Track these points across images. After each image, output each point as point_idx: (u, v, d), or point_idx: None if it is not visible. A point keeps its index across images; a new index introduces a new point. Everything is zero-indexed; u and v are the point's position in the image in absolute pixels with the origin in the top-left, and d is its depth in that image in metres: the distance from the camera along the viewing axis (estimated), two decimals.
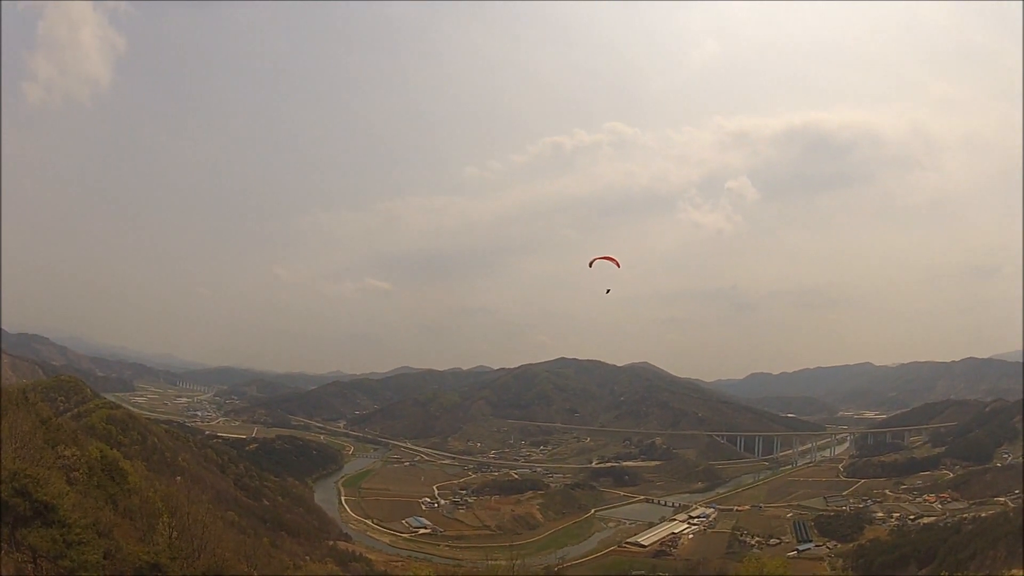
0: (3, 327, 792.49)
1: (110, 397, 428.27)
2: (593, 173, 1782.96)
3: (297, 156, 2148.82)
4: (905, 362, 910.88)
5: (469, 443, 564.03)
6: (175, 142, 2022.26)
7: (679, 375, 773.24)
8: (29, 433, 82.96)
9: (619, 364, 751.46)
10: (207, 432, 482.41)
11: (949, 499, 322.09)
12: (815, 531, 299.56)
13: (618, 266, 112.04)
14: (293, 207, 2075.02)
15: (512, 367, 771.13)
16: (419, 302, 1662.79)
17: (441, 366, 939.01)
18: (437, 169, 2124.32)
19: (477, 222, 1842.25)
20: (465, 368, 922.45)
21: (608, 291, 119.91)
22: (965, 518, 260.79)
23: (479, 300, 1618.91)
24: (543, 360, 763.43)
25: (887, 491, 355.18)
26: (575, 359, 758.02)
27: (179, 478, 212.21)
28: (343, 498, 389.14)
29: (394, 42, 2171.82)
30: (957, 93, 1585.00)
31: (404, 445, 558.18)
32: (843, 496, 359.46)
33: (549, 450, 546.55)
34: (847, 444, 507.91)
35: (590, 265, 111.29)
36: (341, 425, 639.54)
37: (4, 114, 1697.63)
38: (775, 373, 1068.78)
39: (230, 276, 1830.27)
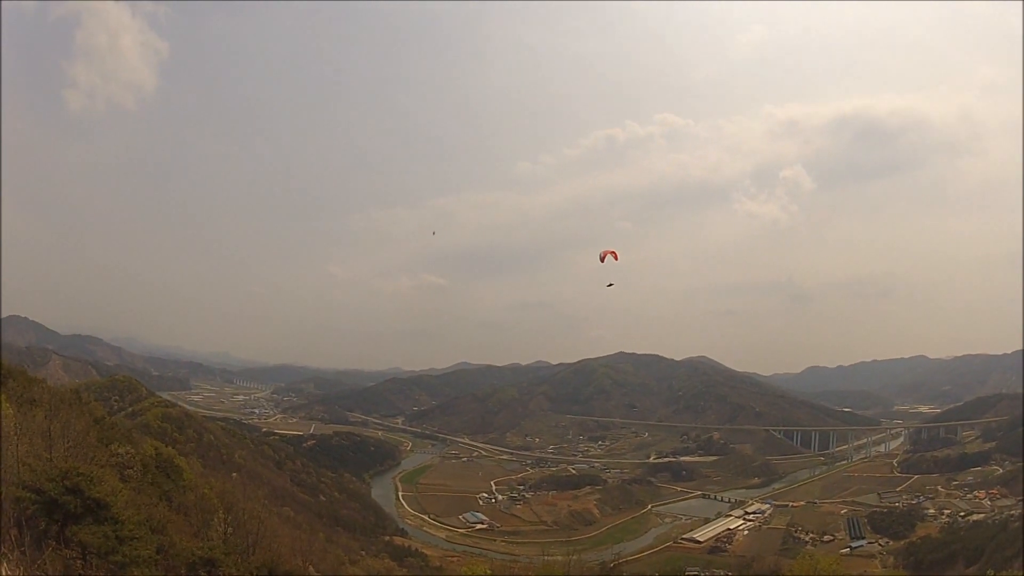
0: (56, 329, 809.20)
1: (165, 396, 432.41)
2: (646, 165, 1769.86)
3: (350, 156, 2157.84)
4: (959, 354, 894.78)
5: (527, 438, 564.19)
6: (225, 144, 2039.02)
7: (737, 369, 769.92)
8: (82, 432, 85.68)
9: (677, 358, 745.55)
10: (264, 429, 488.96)
11: (998, 495, 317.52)
12: (868, 528, 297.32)
13: (616, 259, 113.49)
14: (347, 206, 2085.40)
15: (571, 362, 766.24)
16: (476, 298, 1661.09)
17: (500, 362, 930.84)
18: (490, 165, 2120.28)
19: (532, 217, 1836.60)
20: (524, 363, 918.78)
21: (610, 285, 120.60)
22: (1012, 515, 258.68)
23: (536, 294, 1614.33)
24: (601, 355, 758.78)
25: (939, 487, 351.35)
26: (633, 353, 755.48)
27: (235, 474, 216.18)
28: (400, 494, 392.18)
29: (443, 40, 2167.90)
30: (1001, 77, 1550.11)
31: (462, 441, 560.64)
32: (896, 492, 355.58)
33: (607, 445, 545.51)
34: (901, 439, 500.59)
35: (601, 260, 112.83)
36: (399, 421, 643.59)
37: (47, 121, 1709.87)
38: (832, 367, 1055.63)
39: (285, 275, 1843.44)
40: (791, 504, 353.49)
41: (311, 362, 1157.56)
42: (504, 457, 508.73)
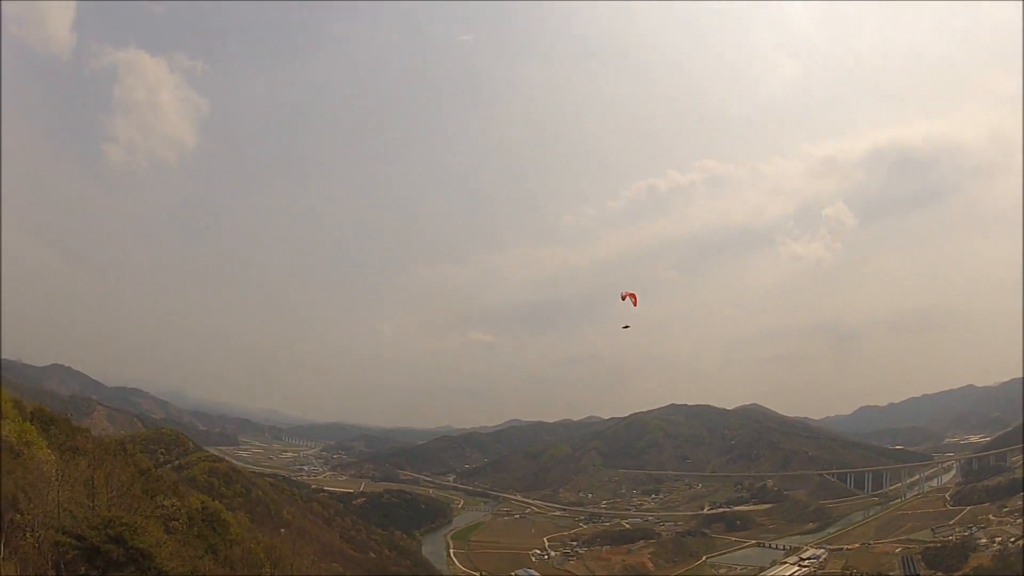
0: (100, 380, 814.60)
1: (213, 451, 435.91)
2: (689, 213, 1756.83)
3: (395, 212, 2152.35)
4: (1005, 380, 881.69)
5: (580, 494, 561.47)
6: (270, 200, 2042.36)
7: (788, 414, 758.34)
8: (126, 482, 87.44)
9: (729, 407, 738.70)
10: (313, 486, 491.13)
11: None
12: (922, 564, 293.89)
13: (635, 304, 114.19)
14: (393, 263, 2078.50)
15: (622, 416, 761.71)
16: (524, 354, 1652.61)
17: (550, 418, 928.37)
18: (534, 219, 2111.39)
19: (578, 270, 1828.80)
20: (575, 419, 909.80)
21: (626, 327, 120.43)
22: None
23: (585, 348, 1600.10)
24: (653, 407, 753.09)
25: (991, 516, 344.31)
26: (684, 404, 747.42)
27: (283, 530, 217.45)
28: (451, 551, 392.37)
29: (484, 96, 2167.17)
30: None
31: (514, 497, 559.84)
32: (949, 526, 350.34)
33: (660, 498, 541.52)
34: (953, 471, 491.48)
35: (622, 298, 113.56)
36: (450, 479, 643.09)
37: (88, 173, 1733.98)
38: (882, 405, 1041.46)
39: (334, 332, 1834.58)
40: (846, 547, 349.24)
41: (361, 420, 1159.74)
42: (557, 513, 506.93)
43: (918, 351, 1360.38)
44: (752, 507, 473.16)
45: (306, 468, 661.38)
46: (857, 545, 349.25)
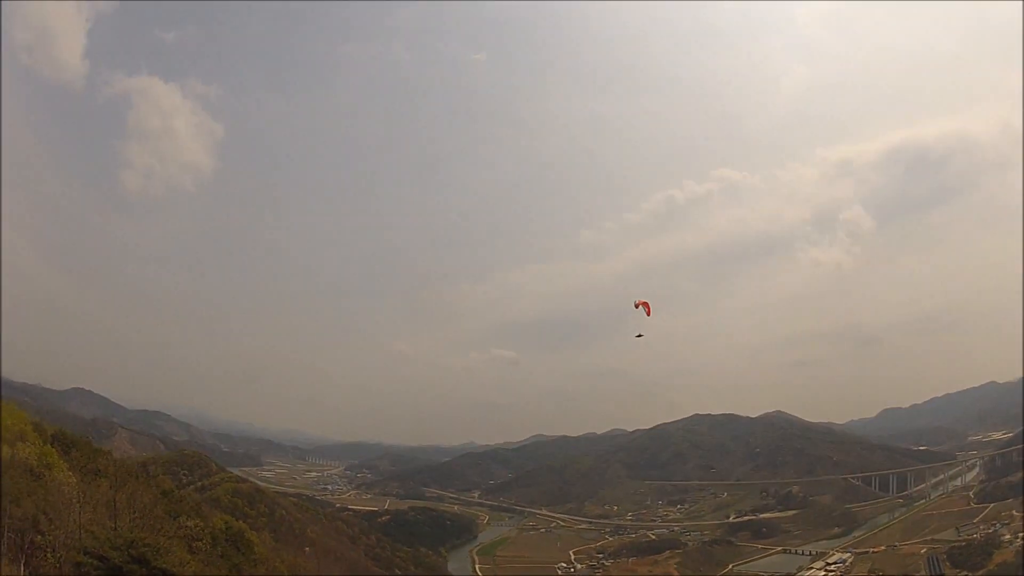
0: (122, 403, 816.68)
1: (236, 471, 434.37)
2: (707, 223, 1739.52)
3: (413, 232, 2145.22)
4: None
5: (606, 507, 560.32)
6: (288, 223, 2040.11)
7: (812, 420, 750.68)
8: (149, 504, 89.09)
9: (753, 415, 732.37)
10: (338, 505, 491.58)
11: None
12: (947, 564, 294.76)
13: (648, 313, 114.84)
14: (412, 283, 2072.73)
15: (647, 428, 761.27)
16: (547, 369, 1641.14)
17: (574, 432, 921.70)
18: (553, 235, 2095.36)
19: (598, 284, 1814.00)
20: (599, 432, 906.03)
21: (639, 336, 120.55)
22: None
23: (608, 362, 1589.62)
24: (677, 418, 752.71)
25: (1014, 511, 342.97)
26: (708, 414, 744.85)
27: (308, 549, 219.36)
28: (477, 566, 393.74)
29: (496, 112, 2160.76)
30: None
31: (540, 512, 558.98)
32: (973, 524, 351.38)
33: (686, 508, 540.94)
34: (976, 469, 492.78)
35: (635, 306, 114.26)
36: (475, 495, 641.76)
37: (105, 199, 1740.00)
38: (905, 406, 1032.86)
39: (354, 352, 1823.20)
40: (871, 550, 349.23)
41: (385, 439, 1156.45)
42: (583, 527, 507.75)
43: (940, 350, 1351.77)
44: (778, 514, 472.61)
45: (330, 487, 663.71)
46: (883, 548, 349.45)
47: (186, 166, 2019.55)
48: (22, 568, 53.88)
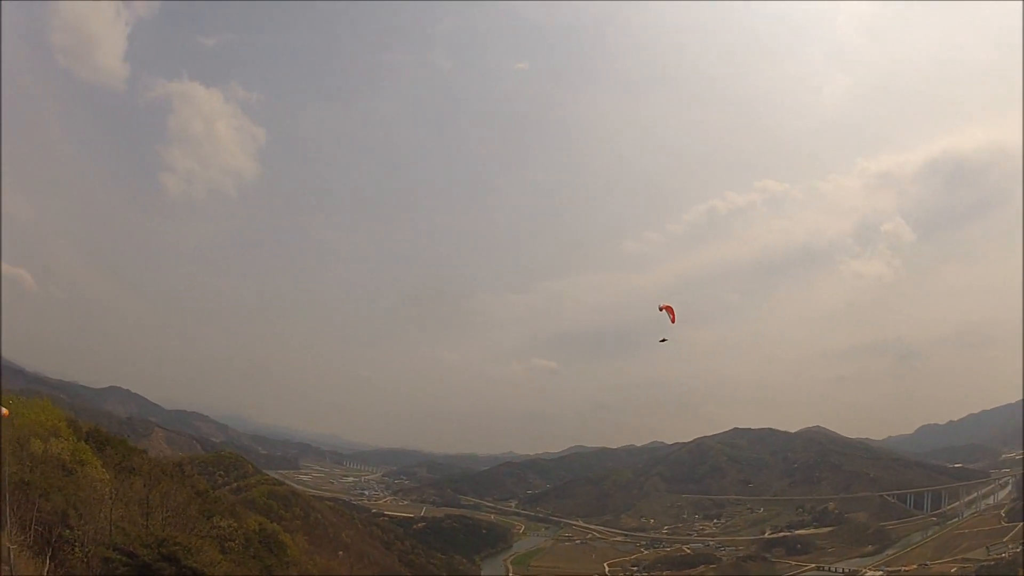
0: (159, 403, 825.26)
1: (273, 474, 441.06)
2: (749, 235, 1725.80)
3: (455, 242, 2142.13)
4: None
5: (642, 519, 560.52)
6: (329, 229, 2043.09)
7: (850, 435, 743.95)
8: (182, 503, 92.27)
9: (792, 430, 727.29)
10: (374, 510, 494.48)
11: None
12: None
13: (672, 320, 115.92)
14: (454, 291, 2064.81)
15: (686, 440, 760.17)
16: (588, 380, 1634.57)
17: (614, 443, 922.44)
18: (596, 246, 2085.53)
19: (640, 296, 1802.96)
20: (639, 444, 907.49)
21: (663, 340, 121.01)
22: None
23: (648, 374, 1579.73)
24: (717, 431, 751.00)
25: None
26: (748, 428, 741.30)
27: (341, 553, 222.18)
28: None
29: (539, 121, 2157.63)
30: None
31: (576, 523, 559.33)
32: (1003, 543, 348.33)
33: (722, 523, 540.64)
34: (1009, 487, 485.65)
35: (660, 309, 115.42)
36: (513, 505, 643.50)
37: (145, 203, 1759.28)
38: (942, 423, 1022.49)
39: (393, 360, 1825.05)
40: (903, 569, 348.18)
41: (423, 446, 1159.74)
42: (618, 539, 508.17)
43: (977, 366, 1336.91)
44: (813, 531, 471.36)
45: (367, 492, 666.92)
46: (914, 566, 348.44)
47: (228, 170, 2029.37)
48: (47, 561, 54.61)
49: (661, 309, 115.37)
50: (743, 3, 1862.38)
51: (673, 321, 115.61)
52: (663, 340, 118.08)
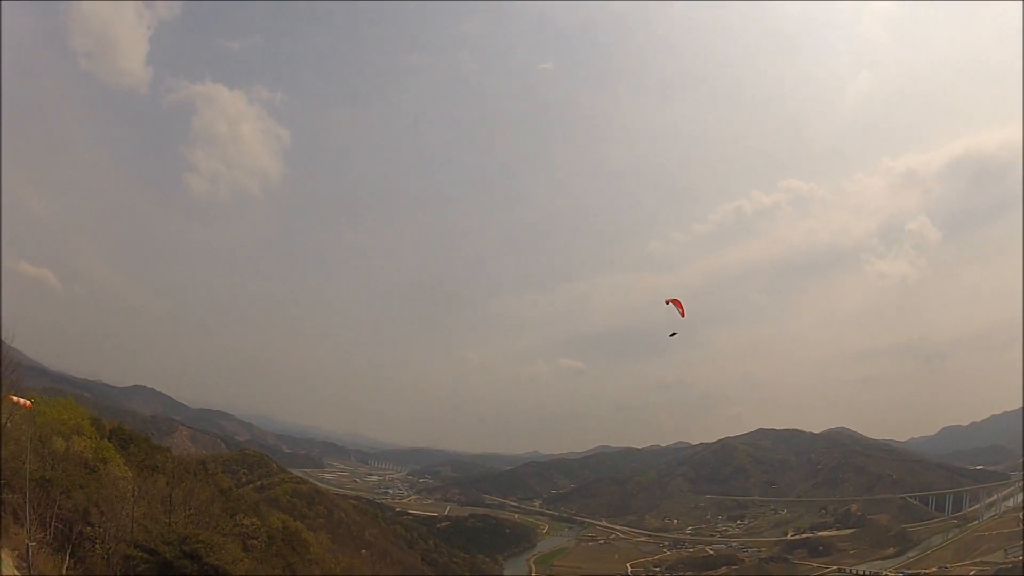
0: (184, 402, 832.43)
1: (297, 473, 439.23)
2: (775, 235, 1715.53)
3: (481, 242, 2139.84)
4: None
5: (665, 520, 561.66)
6: (352, 230, 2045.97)
7: (873, 437, 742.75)
8: (205, 501, 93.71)
9: (816, 431, 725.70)
10: (397, 509, 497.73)
11: None
12: None
13: (682, 315, 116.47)
14: (480, 292, 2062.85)
15: (711, 441, 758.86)
16: (613, 380, 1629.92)
17: (639, 443, 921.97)
18: (622, 246, 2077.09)
19: (665, 295, 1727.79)
20: (663, 445, 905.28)
21: (673, 334, 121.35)
22: None
23: (674, 374, 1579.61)
24: (742, 432, 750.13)
25: None
26: (772, 429, 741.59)
27: (364, 551, 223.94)
28: (533, 575, 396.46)
29: (563, 122, 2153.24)
30: None
31: (600, 523, 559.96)
32: (1020, 545, 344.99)
33: (745, 524, 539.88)
34: None
35: (666, 303, 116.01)
36: (537, 504, 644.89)
37: (169, 203, 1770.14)
38: (965, 424, 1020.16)
39: (418, 360, 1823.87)
40: (923, 571, 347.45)
41: (448, 445, 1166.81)
42: (641, 539, 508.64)
43: (1000, 366, 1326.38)
44: (835, 532, 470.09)
45: (391, 491, 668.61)
46: (934, 569, 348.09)
47: (253, 171, 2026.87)
48: (67, 557, 55.86)
49: (668, 303, 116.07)
50: (768, 3, 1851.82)
51: (683, 315, 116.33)
52: (673, 334, 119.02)
